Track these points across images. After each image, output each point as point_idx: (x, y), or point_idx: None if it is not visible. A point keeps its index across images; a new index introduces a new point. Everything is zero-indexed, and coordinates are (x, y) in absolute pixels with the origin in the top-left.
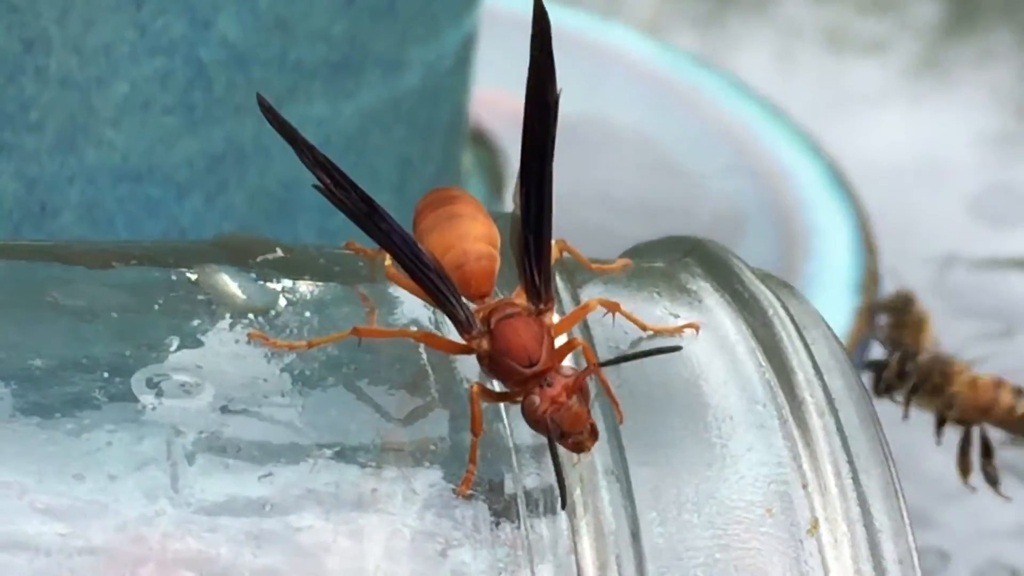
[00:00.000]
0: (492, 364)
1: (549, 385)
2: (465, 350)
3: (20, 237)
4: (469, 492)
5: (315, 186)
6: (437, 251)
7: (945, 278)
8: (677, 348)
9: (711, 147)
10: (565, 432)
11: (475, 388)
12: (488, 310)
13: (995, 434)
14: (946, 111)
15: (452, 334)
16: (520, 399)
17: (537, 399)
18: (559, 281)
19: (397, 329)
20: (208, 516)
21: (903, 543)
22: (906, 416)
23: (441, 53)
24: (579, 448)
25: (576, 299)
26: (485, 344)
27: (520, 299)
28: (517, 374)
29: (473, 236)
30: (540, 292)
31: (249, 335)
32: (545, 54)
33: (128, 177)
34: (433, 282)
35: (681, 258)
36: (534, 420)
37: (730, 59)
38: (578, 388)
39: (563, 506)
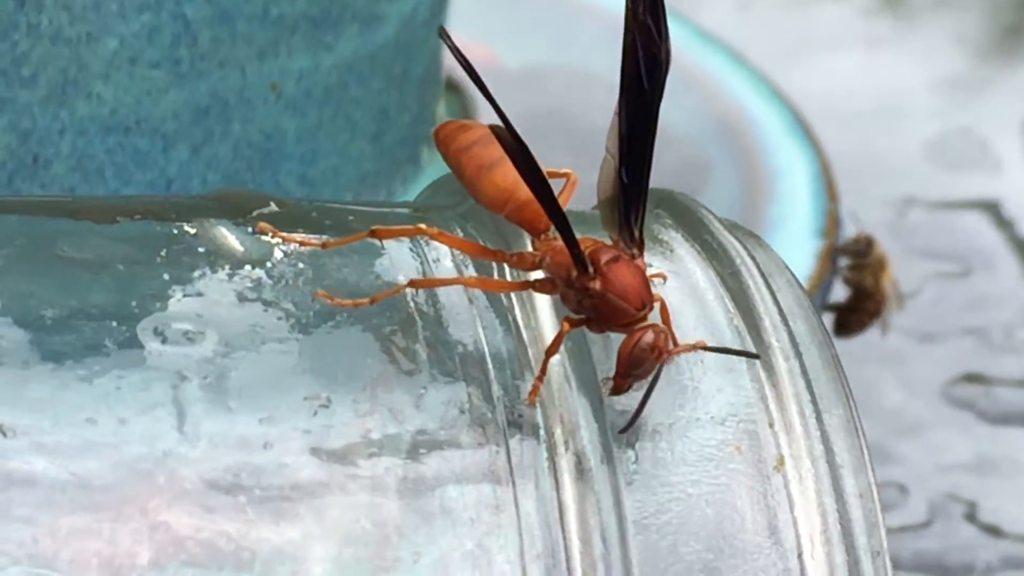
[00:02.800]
0: (602, 303)
1: (659, 333)
2: (520, 287)
3: (14, 188)
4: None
5: (493, 129)
6: (509, 185)
7: (904, 220)
8: (756, 356)
9: (676, 95)
10: (642, 373)
11: (566, 329)
12: (590, 251)
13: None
14: (905, 55)
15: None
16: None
17: (652, 335)
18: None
19: (450, 278)
20: (211, 455)
21: (863, 478)
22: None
23: (416, 6)
24: (621, 386)
25: None
26: (597, 284)
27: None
28: (628, 315)
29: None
30: (636, 236)
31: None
32: (655, 9)
33: (117, 129)
34: (565, 219)
35: (652, 209)
36: (642, 353)
37: (692, 7)
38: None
39: (624, 431)
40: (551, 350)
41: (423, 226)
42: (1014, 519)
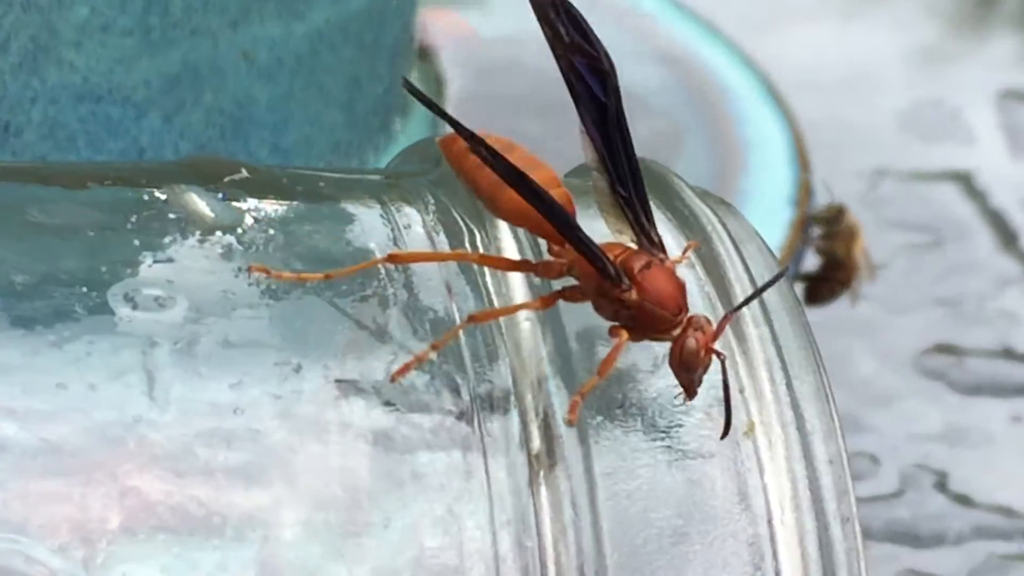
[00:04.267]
0: (639, 312)
1: (698, 329)
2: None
3: None
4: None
5: (473, 149)
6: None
7: (876, 190)
8: (781, 274)
9: (649, 65)
10: (700, 373)
11: (623, 340)
12: (621, 260)
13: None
14: (878, 25)
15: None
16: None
17: (695, 341)
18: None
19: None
20: (182, 421)
21: (833, 444)
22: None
23: None
24: (691, 390)
25: None
26: (633, 295)
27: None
28: (667, 323)
29: (555, 180)
30: (655, 241)
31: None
32: (577, 24)
33: (88, 97)
34: (587, 242)
35: None
36: (690, 360)
37: None
38: (721, 335)
39: (724, 436)
40: (605, 367)
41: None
42: (985, 489)
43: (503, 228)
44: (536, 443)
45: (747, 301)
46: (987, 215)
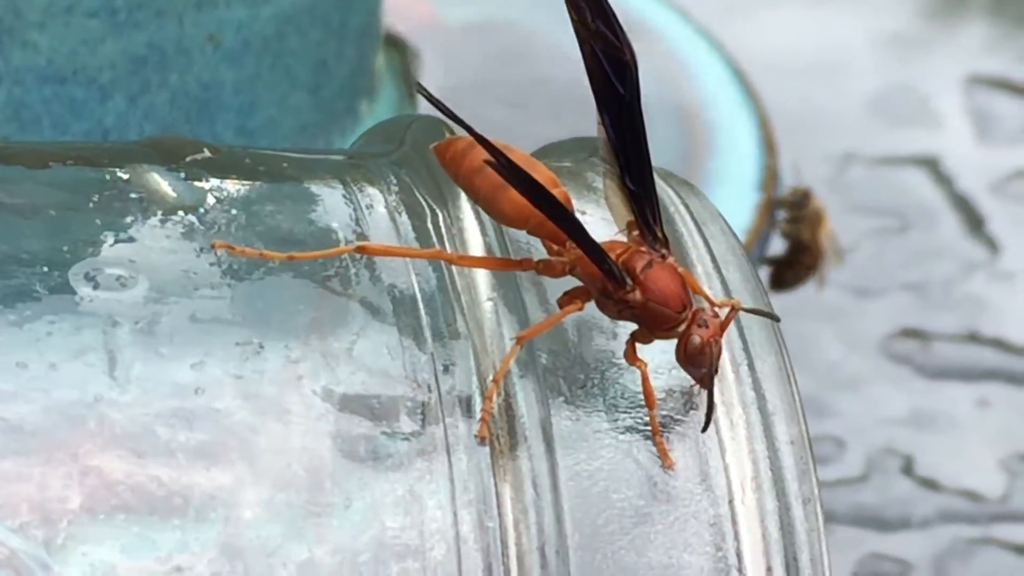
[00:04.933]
0: (643, 312)
1: (702, 325)
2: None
3: None
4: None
5: (487, 162)
6: (527, 202)
7: (843, 175)
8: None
9: None
10: (709, 366)
11: (644, 369)
12: (623, 260)
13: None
14: (847, 10)
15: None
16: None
17: (698, 338)
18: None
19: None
20: (143, 400)
21: (795, 425)
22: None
23: None
24: (704, 381)
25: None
26: (637, 295)
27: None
28: (672, 320)
29: (554, 180)
30: (659, 237)
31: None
32: (604, 14)
33: (53, 79)
34: (594, 246)
35: (587, 158)
36: (695, 356)
37: None
38: (728, 326)
39: (705, 430)
40: (649, 403)
41: (442, 251)
42: (950, 473)
43: (465, 209)
44: (498, 423)
45: (753, 312)
46: (954, 200)
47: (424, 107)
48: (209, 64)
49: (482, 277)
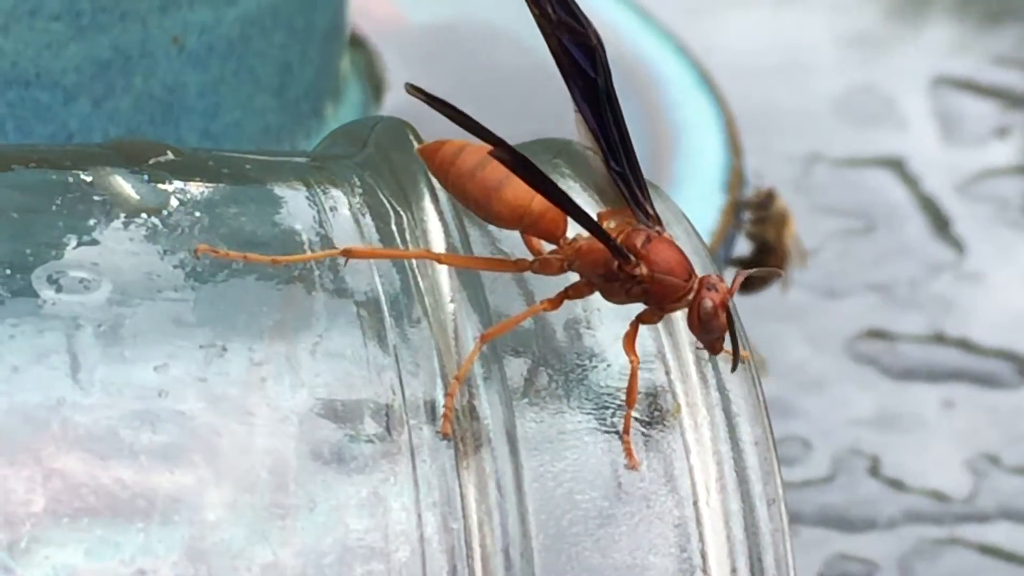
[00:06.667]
0: (652, 285)
1: (711, 289)
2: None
3: None
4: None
5: (494, 155)
6: (523, 200)
7: (809, 176)
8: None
9: None
10: (720, 331)
11: (636, 363)
12: (621, 239)
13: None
14: (812, 11)
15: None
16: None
17: (710, 302)
18: (435, 181)
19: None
20: (106, 403)
21: (759, 426)
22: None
23: None
24: (715, 347)
25: (452, 199)
26: (643, 270)
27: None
28: (680, 288)
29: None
30: (650, 212)
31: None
32: (568, 10)
33: (17, 82)
34: (599, 227)
35: (551, 159)
36: (710, 321)
37: None
38: (735, 289)
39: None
40: (631, 398)
41: (429, 251)
42: (916, 473)
43: (429, 211)
44: (461, 425)
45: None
46: (919, 200)
47: (389, 109)
48: (173, 67)
49: (445, 278)
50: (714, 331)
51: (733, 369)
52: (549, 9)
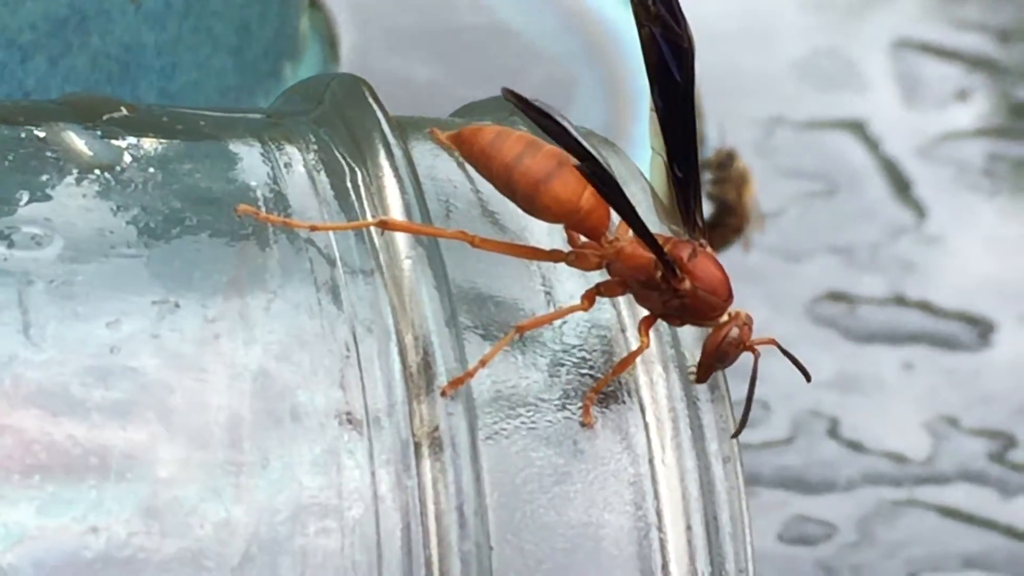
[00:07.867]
0: (692, 300)
1: (745, 325)
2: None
3: None
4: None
5: (581, 169)
6: (573, 195)
7: (771, 139)
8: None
9: (542, 12)
10: (726, 365)
11: (646, 347)
12: (668, 251)
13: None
14: None
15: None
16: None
17: (737, 331)
18: (391, 137)
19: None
20: (58, 359)
21: (716, 384)
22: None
23: None
24: (706, 375)
25: (407, 155)
26: (687, 284)
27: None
28: (719, 309)
29: (565, 159)
30: (699, 225)
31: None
32: (668, 5)
33: None
34: (660, 247)
35: (508, 117)
36: (728, 351)
37: None
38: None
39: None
40: (620, 367)
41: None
42: (875, 435)
43: (385, 167)
44: (416, 381)
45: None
46: (881, 163)
47: (345, 66)
48: (130, 26)
49: (401, 235)
50: (724, 361)
51: (736, 434)
52: (650, 1)
